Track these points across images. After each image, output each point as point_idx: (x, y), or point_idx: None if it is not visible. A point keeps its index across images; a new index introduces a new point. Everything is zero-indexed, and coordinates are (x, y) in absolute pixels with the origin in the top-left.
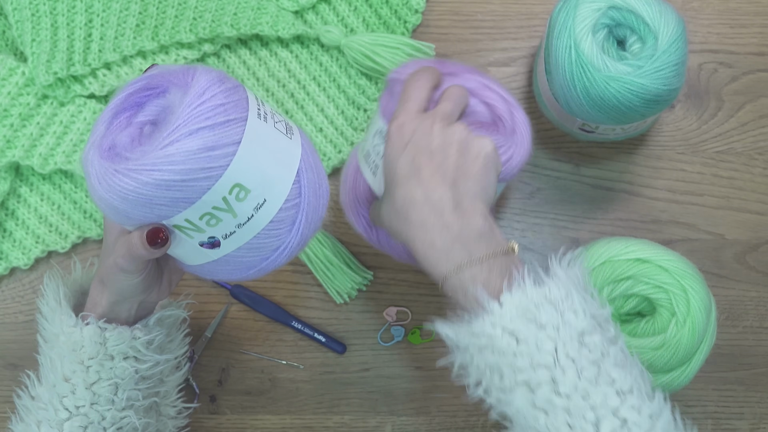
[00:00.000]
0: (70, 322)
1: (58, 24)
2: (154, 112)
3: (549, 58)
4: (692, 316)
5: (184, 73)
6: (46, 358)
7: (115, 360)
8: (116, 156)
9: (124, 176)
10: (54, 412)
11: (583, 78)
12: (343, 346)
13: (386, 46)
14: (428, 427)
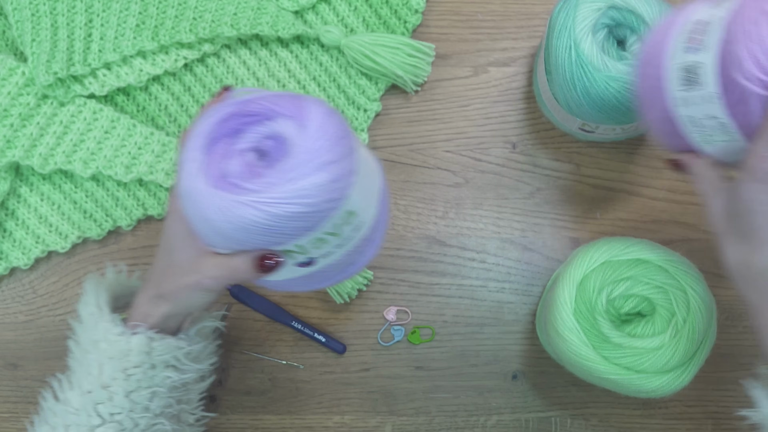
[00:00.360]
0: (116, 330)
1: (58, 24)
2: (255, 140)
3: (549, 58)
4: (692, 316)
5: (290, 102)
6: (79, 363)
7: (156, 369)
8: (233, 186)
9: (251, 208)
10: (87, 417)
11: (583, 78)
12: (343, 346)
13: (386, 46)
14: (428, 427)
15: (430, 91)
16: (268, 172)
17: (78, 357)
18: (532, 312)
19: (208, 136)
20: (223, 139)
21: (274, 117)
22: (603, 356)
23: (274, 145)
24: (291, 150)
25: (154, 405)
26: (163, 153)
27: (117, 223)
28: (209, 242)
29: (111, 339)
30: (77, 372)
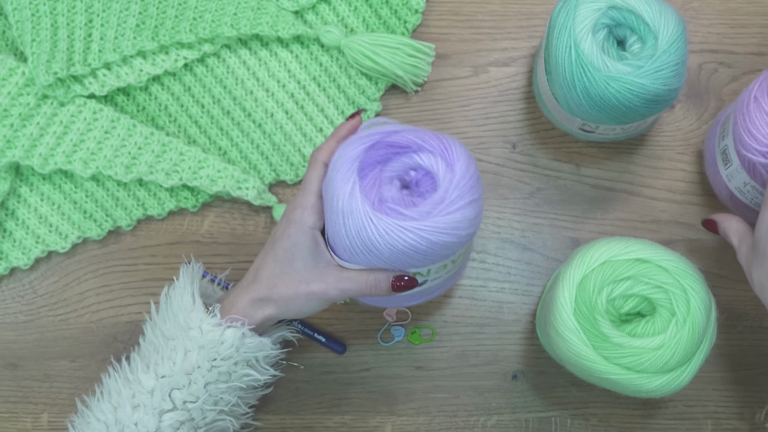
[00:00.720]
0: (213, 321)
1: (58, 24)
2: (401, 169)
3: (549, 58)
4: (692, 316)
5: (434, 139)
6: (155, 348)
7: (238, 366)
8: (394, 212)
9: (412, 234)
10: (159, 401)
11: (583, 78)
12: (343, 346)
13: (386, 46)
14: (428, 427)
15: (430, 91)
16: (420, 202)
17: (155, 342)
18: (532, 312)
19: (361, 161)
20: (374, 166)
21: (420, 150)
22: (603, 356)
23: (420, 176)
24: (441, 184)
25: (224, 401)
26: (163, 153)
27: (117, 223)
28: (343, 256)
29: (205, 328)
30: (152, 356)
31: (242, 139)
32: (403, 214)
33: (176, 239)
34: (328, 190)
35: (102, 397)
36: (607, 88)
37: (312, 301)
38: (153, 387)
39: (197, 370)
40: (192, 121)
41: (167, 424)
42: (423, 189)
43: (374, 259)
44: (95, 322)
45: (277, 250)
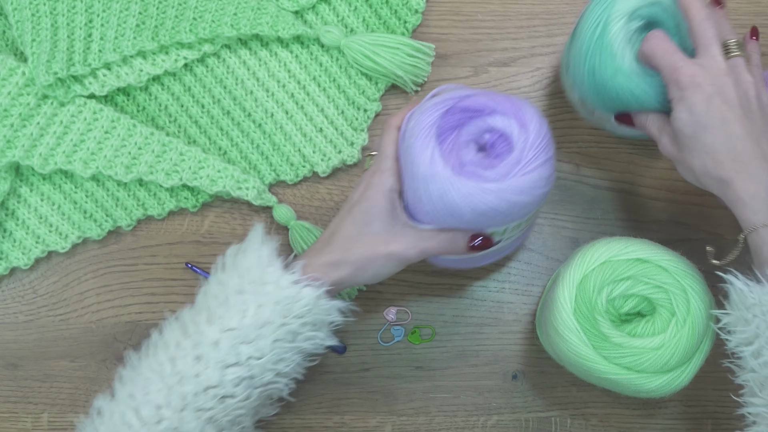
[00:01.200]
0: (291, 278)
1: (58, 24)
2: (476, 133)
3: (577, 31)
4: (692, 316)
5: (505, 101)
6: (220, 302)
7: (306, 327)
8: (474, 174)
9: (493, 195)
10: (225, 354)
11: (595, 57)
12: (343, 346)
13: (386, 46)
14: (428, 427)
15: (430, 91)
16: (498, 163)
17: (220, 296)
18: (532, 312)
19: (438, 127)
20: (450, 131)
21: (492, 113)
22: (603, 356)
23: (494, 139)
24: (516, 145)
25: (285, 361)
26: (163, 153)
27: (117, 223)
28: (423, 219)
29: (283, 284)
30: (217, 310)
31: (242, 139)
32: (483, 176)
33: (176, 239)
34: (408, 156)
35: (157, 349)
36: (613, 77)
37: (390, 261)
38: (218, 339)
39: (267, 326)
40: (192, 121)
41: (229, 379)
42: (498, 151)
43: (455, 222)
44: (95, 322)
45: (355, 213)
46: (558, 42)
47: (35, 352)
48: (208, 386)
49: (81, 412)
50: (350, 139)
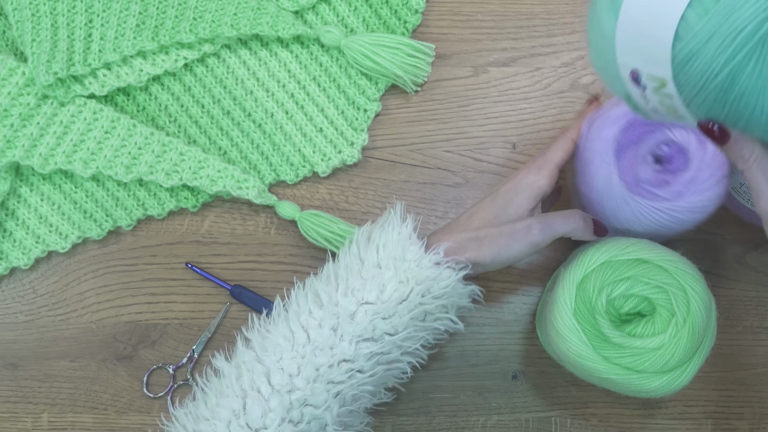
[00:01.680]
0: (434, 258)
1: (58, 24)
2: (654, 146)
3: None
4: (692, 317)
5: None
6: (356, 275)
7: (438, 308)
8: (648, 193)
9: (664, 214)
10: (363, 328)
11: None
12: None
13: (386, 46)
14: (428, 427)
15: (430, 91)
16: (673, 180)
17: (355, 268)
18: (532, 312)
19: (618, 142)
20: (630, 146)
21: (671, 126)
22: (603, 356)
23: (671, 151)
24: (692, 160)
25: (413, 339)
26: (163, 153)
27: (117, 223)
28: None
29: (425, 263)
30: (353, 281)
31: (242, 139)
32: (658, 195)
33: (176, 239)
34: (586, 170)
35: (288, 316)
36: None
37: (515, 240)
38: (355, 312)
39: (406, 303)
40: (192, 121)
41: (363, 353)
42: (675, 166)
43: (624, 233)
44: (95, 322)
45: (498, 199)
46: (558, 42)
47: (35, 352)
48: (342, 359)
49: (81, 412)
50: (350, 139)
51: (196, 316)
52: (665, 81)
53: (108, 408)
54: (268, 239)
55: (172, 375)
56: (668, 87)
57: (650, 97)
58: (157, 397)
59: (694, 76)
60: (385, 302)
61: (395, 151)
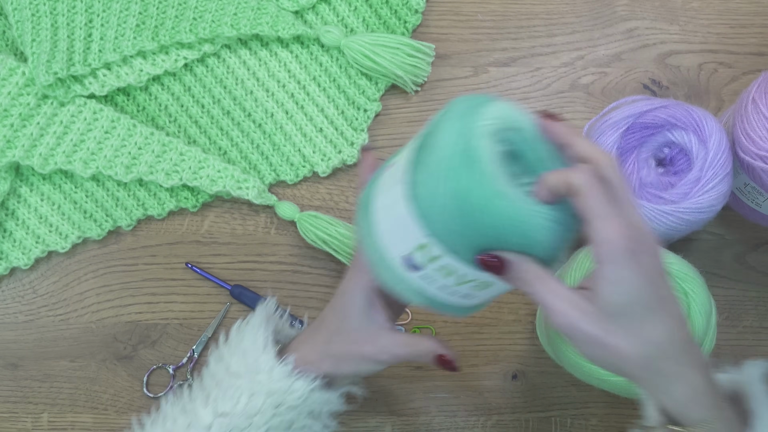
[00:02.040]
0: (284, 369)
1: (58, 24)
2: (654, 148)
3: (424, 151)
4: (692, 320)
5: (687, 116)
6: (217, 384)
7: (301, 416)
8: (652, 196)
9: (670, 216)
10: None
11: (461, 176)
12: None
13: (386, 46)
14: (428, 427)
15: (430, 91)
16: (677, 182)
17: (218, 376)
18: (532, 312)
19: (618, 148)
20: (631, 150)
21: (672, 128)
22: None
23: (673, 153)
24: (695, 162)
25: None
26: (163, 153)
27: (117, 223)
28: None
29: (275, 376)
30: (213, 390)
31: (242, 139)
32: (663, 198)
33: (176, 239)
34: None
35: (157, 420)
36: (489, 202)
37: (364, 363)
38: (210, 423)
39: (260, 416)
40: (192, 121)
41: None
42: (677, 167)
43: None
44: (95, 322)
45: (336, 305)
46: (558, 42)
47: (35, 352)
48: None
49: (81, 412)
50: (350, 139)
51: (196, 316)
52: (426, 245)
53: (108, 408)
54: (268, 239)
55: (172, 375)
56: (432, 249)
57: (430, 272)
58: (157, 397)
59: (440, 221)
60: (239, 414)
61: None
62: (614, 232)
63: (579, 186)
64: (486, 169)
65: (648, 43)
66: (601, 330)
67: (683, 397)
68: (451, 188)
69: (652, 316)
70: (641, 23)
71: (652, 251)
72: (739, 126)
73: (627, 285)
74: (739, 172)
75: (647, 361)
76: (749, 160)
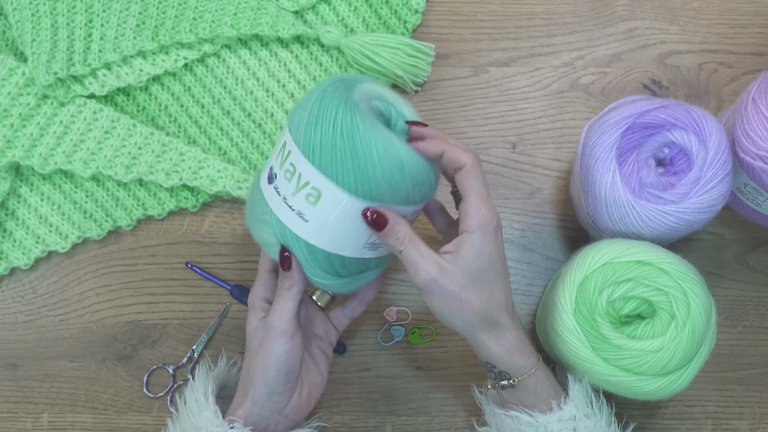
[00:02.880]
0: (217, 422)
1: (58, 24)
2: (654, 149)
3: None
4: (692, 320)
5: (687, 116)
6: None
7: None
8: (654, 197)
9: (670, 216)
10: None
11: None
12: (343, 346)
13: (386, 46)
14: (428, 427)
15: (430, 91)
16: (676, 182)
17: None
18: (532, 312)
19: (617, 148)
20: (631, 151)
21: (672, 128)
22: (602, 357)
23: (673, 153)
24: (695, 162)
25: None
26: (163, 153)
27: (117, 223)
28: (605, 231)
29: (211, 429)
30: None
31: (242, 139)
32: (663, 198)
33: (176, 239)
34: (588, 178)
35: None
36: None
37: (271, 344)
38: None
39: None
40: (192, 121)
41: None
42: (677, 167)
43: (635, 237)
44: (95, 322)
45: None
46: (558, 42)
47: (35, 352)
48: None
49: (81, 412)
50: None
51: (196, 316)
52: (285, 143)
53: (108, 408)
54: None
55: (172, 375)
56: (292, 151)
57: (281, 182)
58: (157, 397)
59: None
60: None
61: None
62: (487, 210)
63: (468, 164)
64: (367, 115)
65: (648, 43)
66: (458, 286)
67: (511, 345)
68: (340, 129)
69: (499, 281)
70: (641, 23)
71: (501, 233)
72: (739, 126)
73: (488, 254)
74: (739, 172)
75: (490, 314)
76: (749, 160)
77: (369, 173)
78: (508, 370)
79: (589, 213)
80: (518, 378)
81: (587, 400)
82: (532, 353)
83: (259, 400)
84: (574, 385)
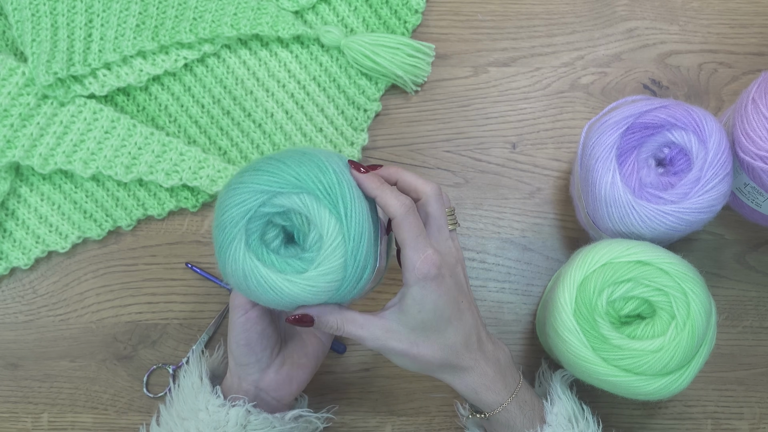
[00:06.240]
0: (217, 401)
1: (58, 24)
2: (654, 149)
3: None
4: (692, 320)
5: (687, 116)
6: (170, 429)
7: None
8: (654, 197)
9: (671, 217)
10: None
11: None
12: (343, 346)
13: (386, 46)
14: (428, 427)
15: (430, 91)
16: (676, 182)
17: (170, 423)
18: (532, 312)
19: (617, 148)
20: (631, 151)
21: (672, 128)
22: (602, 358)
23: (673, 153)
24: (695, 162)
25: None
26: (163, 153)
27: (117, 223)
28: (606, 232)
29: (211, 409)
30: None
31: (242, 139)
32: (663, 198)
33: (176, 239)
34: (588, 178)
35: None
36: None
37: (236, 326)
38: None
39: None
40: (192, 121)
41: None
42: (677, 167)
43: (634, 237)
44: (95, 322)
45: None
46: (558, 42)
47: (35, 352)
48: None
49: (81, 412)
50: (350, 139)
51: (196, 316)
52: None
53: (108, 408)
54: None
55: (172, 375)
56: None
57: None
58: (157, 397)
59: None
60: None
61: (395, 151)
62: (423, 262)
63: (399, 216)
64: (249, 254)
65: (648, 43)
66: (406, 344)
67: (477, 384)
68: (230, 270)
69: (450, 326)
70: (641, 23)
71: (453, 272)
72: (739, 126)
73: (430, 305)
74: (739, 172)
75: (447, 360)
76: (749, 160)
77: (277, 302)
78: (478, 405)
79: (589, 213)
80: (488, 413)
81: (568, 421)
82: (503, 388)
83: (233, 369)
84: (552, 409)
